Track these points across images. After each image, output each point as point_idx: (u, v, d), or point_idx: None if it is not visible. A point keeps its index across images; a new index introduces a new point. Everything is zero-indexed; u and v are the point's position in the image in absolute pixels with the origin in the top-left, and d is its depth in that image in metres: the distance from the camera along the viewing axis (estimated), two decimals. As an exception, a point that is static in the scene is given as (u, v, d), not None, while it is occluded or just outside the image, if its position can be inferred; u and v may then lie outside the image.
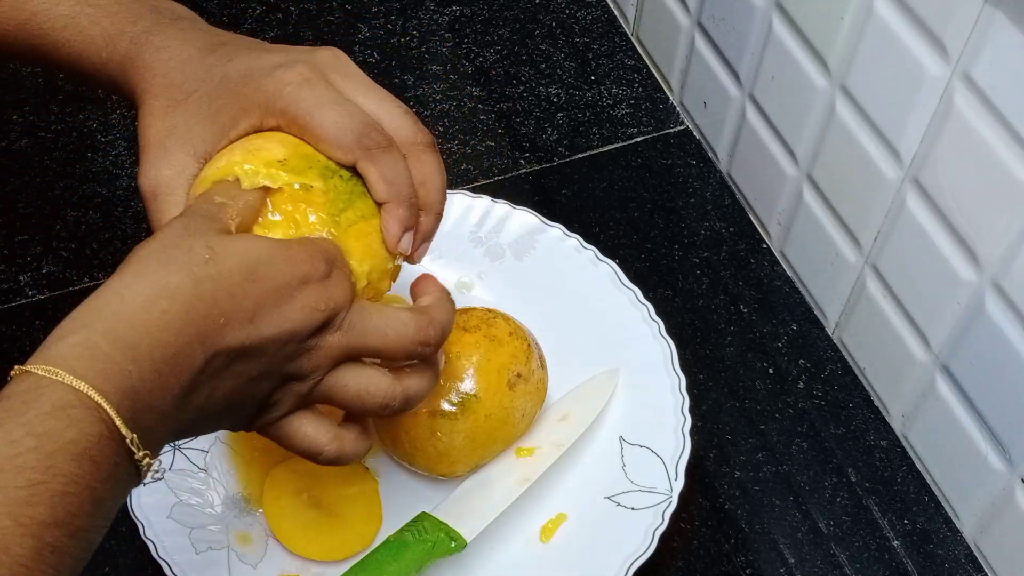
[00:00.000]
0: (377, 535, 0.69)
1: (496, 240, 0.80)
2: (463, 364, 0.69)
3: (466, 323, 0.71)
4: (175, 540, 0.67)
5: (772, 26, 0.78)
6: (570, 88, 0.94)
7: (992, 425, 0.68)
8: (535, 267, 0.79)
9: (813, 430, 0.77)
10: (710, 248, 0.86)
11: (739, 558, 0.72)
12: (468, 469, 0.71)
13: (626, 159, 0.91)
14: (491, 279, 0.79)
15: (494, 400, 0.69)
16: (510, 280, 0.79)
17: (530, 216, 0.80)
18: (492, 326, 0.70)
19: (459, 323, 0.70)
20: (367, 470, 0.72)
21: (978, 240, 0.65)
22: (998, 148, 0.62)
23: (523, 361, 0.70)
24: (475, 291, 0.79)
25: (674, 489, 0.70)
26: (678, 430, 0.72)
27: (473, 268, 0.80)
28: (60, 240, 0.83)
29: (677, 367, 0.74)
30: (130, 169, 0.86)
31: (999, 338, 0.65)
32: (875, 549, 0.73)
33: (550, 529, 0.70)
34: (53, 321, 0.47)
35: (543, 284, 0.79)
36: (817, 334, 0.82)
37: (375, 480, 0.71)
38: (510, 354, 0.70)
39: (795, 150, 0.80)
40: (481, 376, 0.69)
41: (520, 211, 0.80)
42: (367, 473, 0.71)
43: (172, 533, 0.67)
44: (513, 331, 0.71)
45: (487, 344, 0.69)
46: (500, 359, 0.69)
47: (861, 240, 0.76)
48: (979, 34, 0.61)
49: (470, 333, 0.70)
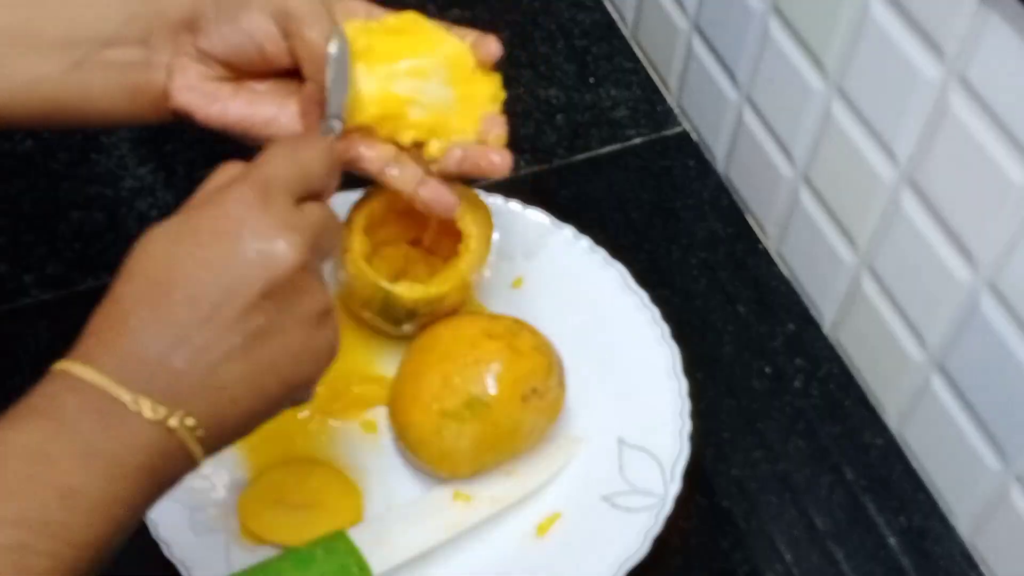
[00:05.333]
0: (363, 504, 0.70)
1: (507, 238, 0.81)
2: (481, 369, 0.69)
3: (491, 330, 0.71)
4: (175, 521, 0.67)
5: (769, 29, 0.78)
6: (569, 90, 0.95)
7: (987, 424, 0.69)
8: (544, 267, 0.80)
9: (810, 429, 0.78)
10: (708, 249, 0.86)
11: (736, 555, 0.73)
12: (470, 472, 0.71)
13: (624, 161, 0.91)
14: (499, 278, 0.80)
15: (505, 410, 0.69)
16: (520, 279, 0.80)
17: (542, 216, 0.81)
18: (517, 337, 0.71)
19: (485, 329, 0.71)
20: (325, 465, 0.72)
21: (973, 240, 0.66)
22: (993, 149, 0.62)
23: (541, 377, 0.70)
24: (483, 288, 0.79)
25: (670, 493, 0.70)
26: (678, 434, 0.72)
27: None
28: (64, 240, 0.83)
29: (680, 371, 0.75)
30: (133, 170, 0.87)
31: (994, 338, 0.66)
32: (871, 547, 0.73)
33: (544, 527, 0.71)
34: (57, 321, 0.48)
35: (551, 284, 0.79)
36: (814, 334, 0.82)
37: (334, 467, 0.72)
38: (529, 368, 0.70)
39: (792, 151, 0.80)
40: (496, 385, 0.69)
41: (532, 210, 0.81)
42: (327, 466, 0.72)
43: (173, 514, 0.67)
44: (537, 346, 0.71)
45: (508, 354, 0.70)
46: (519, 371, 0.69)
47: (857, 241, 0.76)
48: (974, 36, 0.61)
49: (494, 340, 0.70)
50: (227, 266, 0.49)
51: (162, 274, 0.49)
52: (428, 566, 0.69)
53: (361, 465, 0.72)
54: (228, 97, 0.63)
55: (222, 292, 0.49)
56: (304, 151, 0.54)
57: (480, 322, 0.73)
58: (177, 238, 0.50)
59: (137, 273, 0.50)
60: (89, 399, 0.47)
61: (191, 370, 0.48)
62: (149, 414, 0.46)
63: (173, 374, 0.48)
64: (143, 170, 0.87)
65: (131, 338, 0.48)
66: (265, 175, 0.52)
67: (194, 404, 0.48)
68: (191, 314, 0.48)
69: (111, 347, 0.48)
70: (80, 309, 0.51)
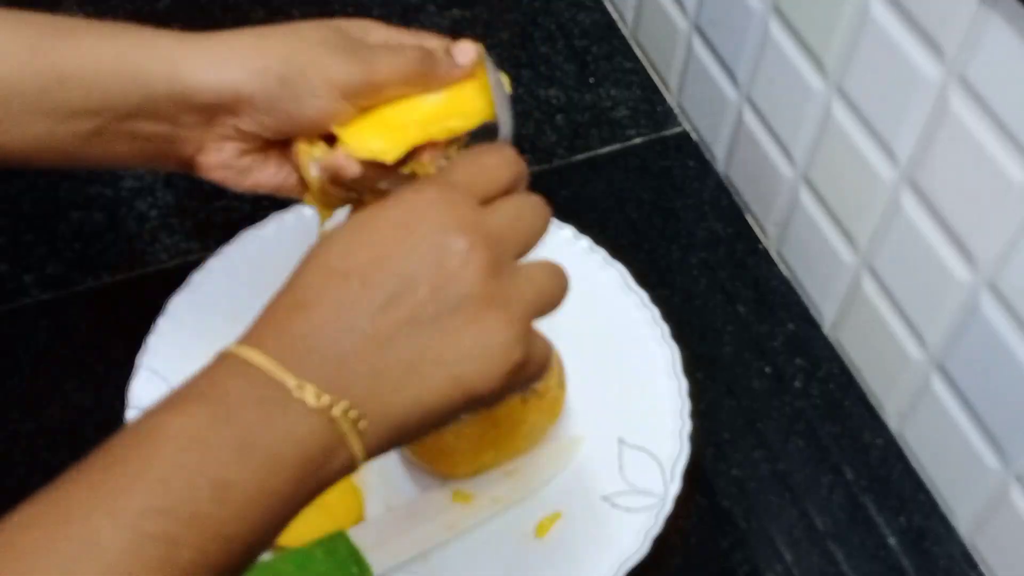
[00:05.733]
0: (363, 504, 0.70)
1: None
2: None
3: None
4: None
5: (769, 29, 0.78)
6: (569, 90, 0.95)
7: (987, 424, 0.69)
8: None
9: (810, 429, 0.78)
10: (708, 248, 0.86)
11: (736, 555, 0.73)
12: (470, 472, 0.71)
13: (624, 161, 0.91)
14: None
15: (504, 410, 0.69)
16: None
17: None
18: None
19: None
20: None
21: (973, 240, 0.66)
22: (993, 149, 0.62)
23: None
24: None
25: (670, 493, 0.70)
26: (678, 434, 0.72)
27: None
28: (64, 240, 0.83)
29: (680, 371, 0.75)
30: (133, 170, 0.87)
31: (994, 338, 0.66)
32: (871, 547, 0.73)
33: (544, 527, 0.71)
34: (57, 321, 0.48)
35: None
36: (813, 334, 0.82)
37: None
38: None
39: (792, 152, 0.80)
40: None
41: None
42: None
43: None
44: None
45: None
46: None
47: (857, 240, 0.76)
48: (974, 36, 0.61)
49: None
50: (404, 256, 0.49)
51: (339, 263, 0.49)
52: (428, 566, 0.69)
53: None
54: (260, 167, 0.61)
55: (397, 281, 0.48)
56: (487, 156, 0.54)
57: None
58: (358, 229, 0.50)
59: (316, 263, 0.49)
60: (253, 384, 0.46)
61: (359, 358, 0.47)
62: (312, 401, 0.45)
63: (341, 361, 0.47)
64: (143, 170, 0.87)
65: (302, 324, 0.47)
66: (448, 177, 0.52)
67: (358, 393, 0.47)
68: (365, 302, 0.48)
69: (281, 332, 0.47)
70: (80, 309, 0.51)
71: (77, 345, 0.78)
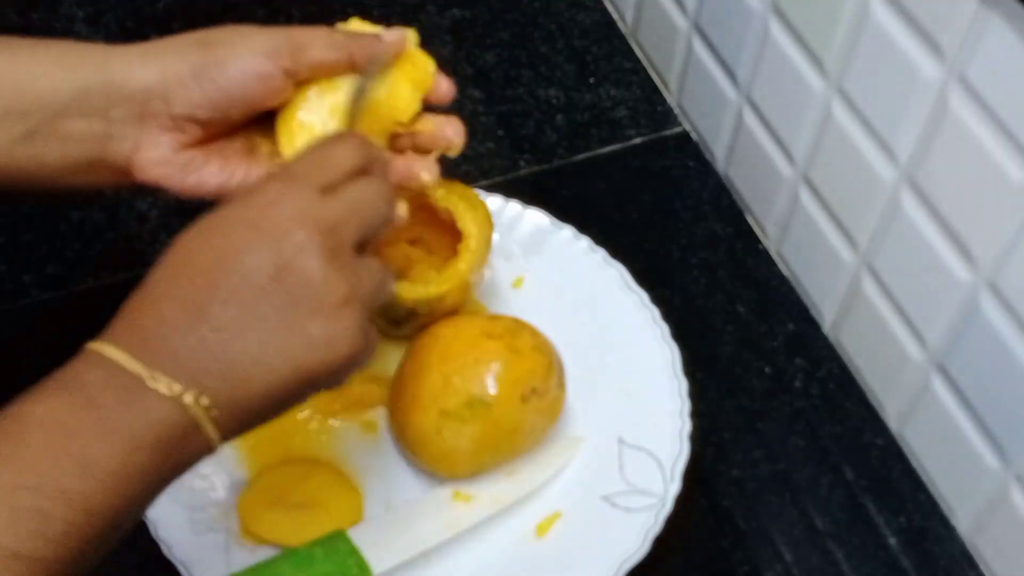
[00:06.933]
0: (363, 504, 0.71)
1: (507, 238, 0.81)
2: (480, 370, 0.69)
3: (491, 330, 0.71)
4: (175, 521, 0.67)
5: (769, 29, 0.78)
6: (569, 90, 0.95)
7: (988, 424, 0.69)
8: (544, 267, 0.80)
9: (810, 429, 0.78)
10: (708, 248, 0.86)
11: (736, 555, 0.73)
12: (470, 472, 0.71)
13: (624, 161, 0.91)
14: (499, 278, 0.80)
15: (504, 410, 0.69)
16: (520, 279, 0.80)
17: (541, 216, 0.81)
18: (516, 337, 0.71)
19: (484, 329, 0.71)
20: (325, 465, 0.72)
21: (973, 240, 0.66)
22: (993, 149, 0.62)
23: (541, 377, 0.70)
24: (483, 288, 0.79)
25: (670, 492, 0.70)
26: (678, 434, 0.72)
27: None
28: (64, 240, 0.83)
29: (680, 371, 0.75)
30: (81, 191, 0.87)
31: (994, 337, 0.66)
32: (871, 547, 0.73)
33: (544, 527, 0.71)
34: (57, 321, 0.49)
35: (551, 284, 0.79)
36: (813, 334, 0.82)
37: (334, 467, 0.72)
38: (529, 368, 0.70)
39: (792, 151, 0.80)
40: (496, 385, 0.69)
41: (531, 210, 0.81)
42: (327, 466, 0.72)
43: (172, 514, 0.67)
44: (537, 346, 0.71)
45: (508, 354, 0.70)
46: (518, 371, 0.69)
47: (857, 240, 0.76)
48: (974, 36, 0.61)
49: (493, 340, 0.70)
50: (245, 252, 0.51)
51: (188, 260, 0.52)
52: (428, 566, 0.69)
53: (361, 465, 0.72)
54: (202, 165, 0.62)
55: (239, 278, 0.51)
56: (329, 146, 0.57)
57: (480, 322, 0.73)
58: (206, 229, 0.53)
59: (168, 261, 0.52)
60: (112, 375, 0.49)
61: (207, 350, 0.50)
62: (165, 390, 0.48)
63: (190, 353, 0.50)
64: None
65: (154, 319, 0.50)
66: (288, 171, 0.55)
67: (208, 382, 0.49)
68: (210, 296, 0.51)
69: (136, 328, 0.50)
70: (80, 309, 0.52)
71: (77, 345, 0.77)
